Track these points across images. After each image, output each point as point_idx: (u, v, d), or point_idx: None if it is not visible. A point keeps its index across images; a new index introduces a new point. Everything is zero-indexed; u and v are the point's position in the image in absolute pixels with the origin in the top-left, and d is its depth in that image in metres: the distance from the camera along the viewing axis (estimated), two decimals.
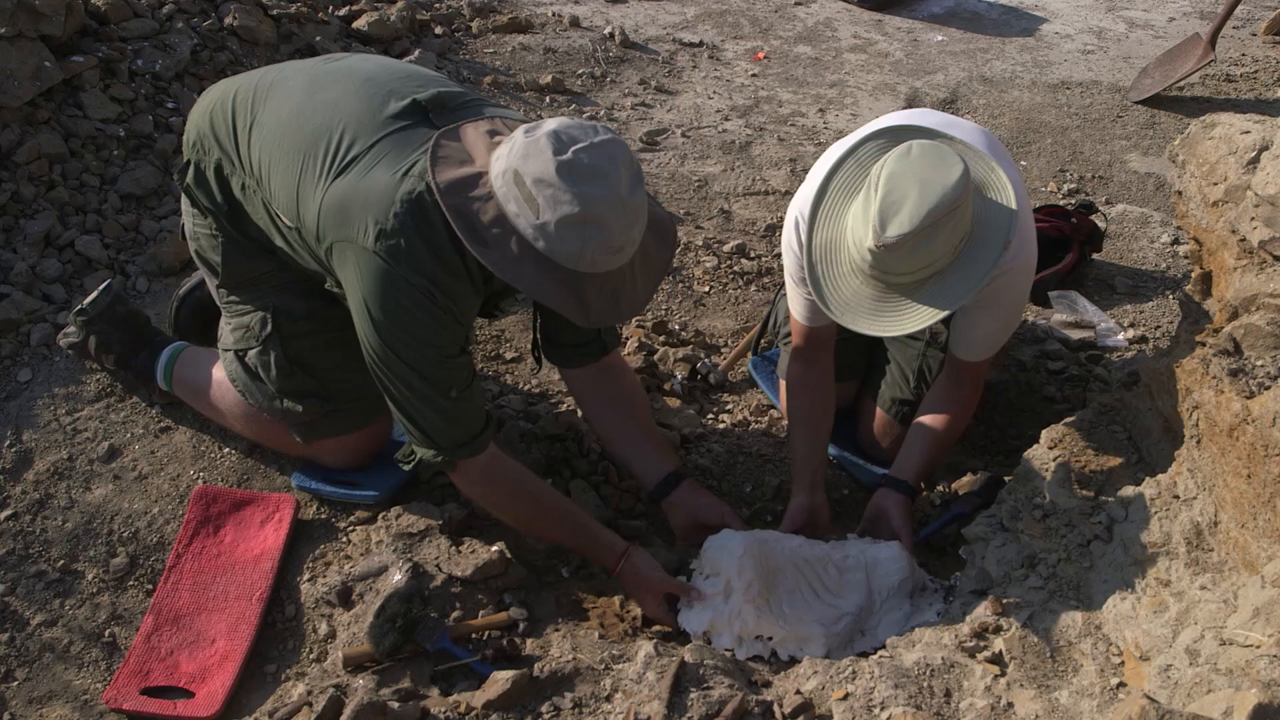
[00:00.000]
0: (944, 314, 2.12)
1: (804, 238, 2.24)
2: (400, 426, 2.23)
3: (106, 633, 2.30)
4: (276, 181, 2.20)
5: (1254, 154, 2.11)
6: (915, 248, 2.05)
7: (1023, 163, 4.47)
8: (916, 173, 2.05)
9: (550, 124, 1.94)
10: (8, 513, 2.47)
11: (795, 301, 2.54)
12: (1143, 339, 3.35)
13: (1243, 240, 2.11)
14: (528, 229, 1.91)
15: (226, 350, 2.50)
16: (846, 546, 2.39)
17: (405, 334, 2.05)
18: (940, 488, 2.79)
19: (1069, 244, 3.57)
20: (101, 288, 2.74)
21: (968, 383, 2.54)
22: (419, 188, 2.01)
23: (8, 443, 2.62)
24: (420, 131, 2.12)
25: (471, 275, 2.08)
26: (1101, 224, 3.72)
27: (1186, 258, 3.57)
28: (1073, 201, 3.99)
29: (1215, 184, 2.19)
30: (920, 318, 2.14)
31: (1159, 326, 3.42)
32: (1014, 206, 2.15)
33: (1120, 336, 3.33)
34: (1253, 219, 2.06)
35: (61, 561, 2.40)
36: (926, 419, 2.57)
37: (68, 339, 2.75)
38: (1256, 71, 5.34)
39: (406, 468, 2.28)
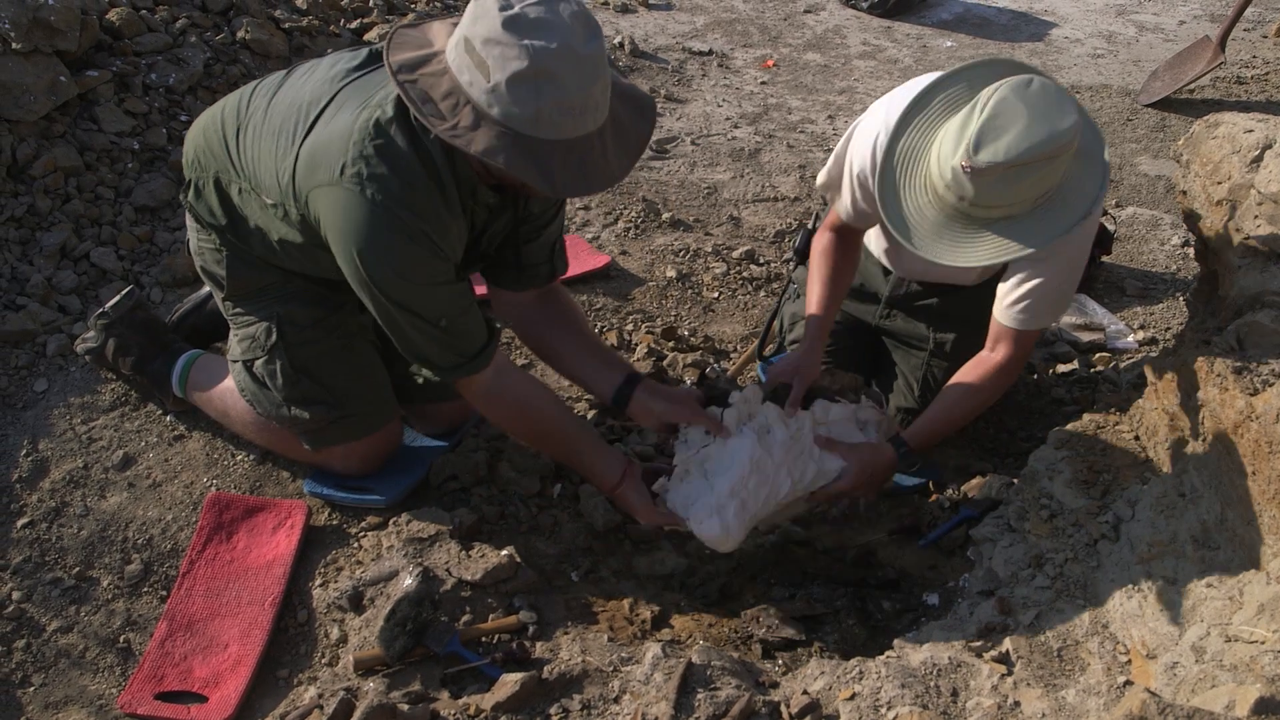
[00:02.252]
0: (1003, 259, 2.04)
1: (888, 138, 2.14)
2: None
3: (121, 638, 2.32)
4: (263, 168, 2.21)
5: (1257, 152, 2.11)
6: (998, 181, 1.95)
7: None
8: (1030, 105, 1.93)
9: None
10: (24, 521, 2.50)
11: (845, 203, 2.51)
12: (1153, 341, 3.34)
13: (1246, 239, 2.11)
14: (481, 96, 1.83)
15: (235, 361, 2.52)
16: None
17: (383, 263, 2.01)
18: (950, 491, 2.79)
19: None
20: (124, 292, 2.78)
21: (1000, 352, 2.41)
22: (376, 114, 1.99)
23: (24, 452, 2.65)
24: (379, 74, 2.10)
25: (445, 190, 2.03)
26: (1110, 226, 3.72)
27: (1196, 259, 3.57)
28: None
29: (1219, 183, 2.19)
30: (982, 253, 2.04)
31: (1169, 328, 3.42)
32: (1104, 181, 2.05)
33: (1130, 339, 3.33)
34: (1256, 217, 2.07)
35: (77, 569, 2.42)
36: (949, 384, 2.49)
37: (86, 344, 2.77)
38: (1268, 74, 5.34)
39: (420, 380, 2.35)
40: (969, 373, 2.46)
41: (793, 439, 2.35)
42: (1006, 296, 2.34)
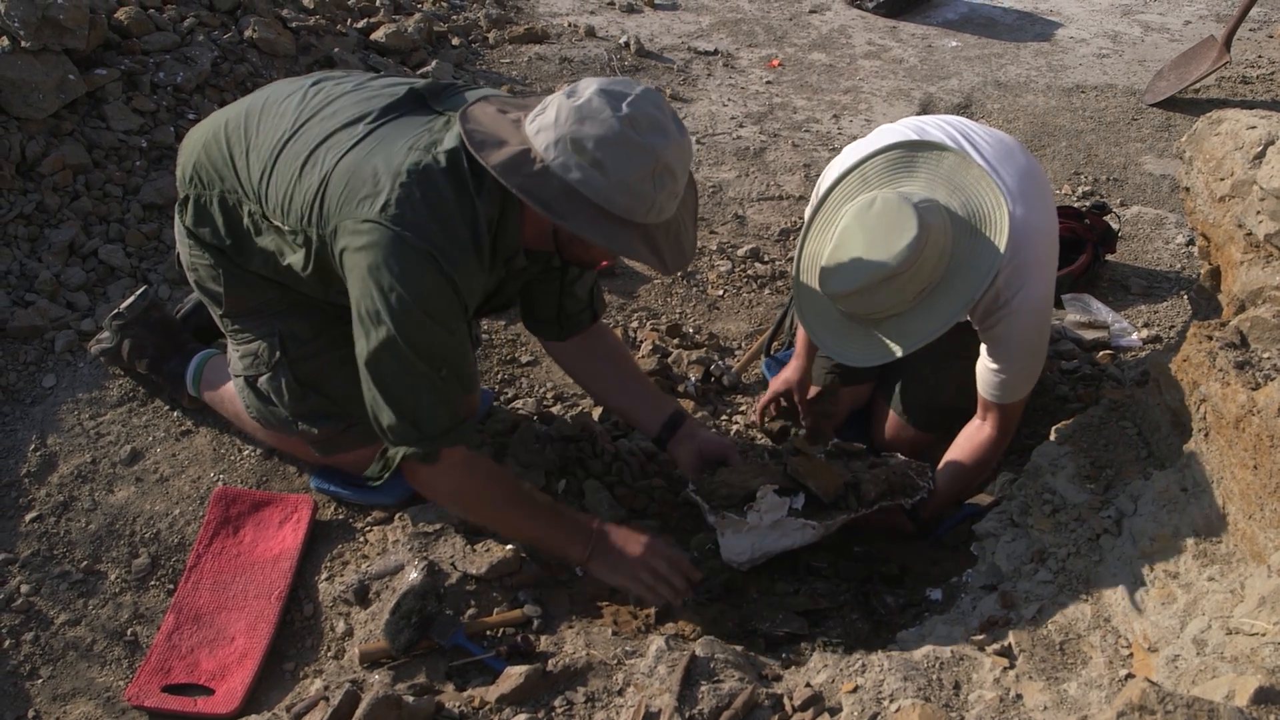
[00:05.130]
0: (898, 355, 2.17)
1: (798, 243, 2.30)
2: (374, 426, 2.13)
3: (129, 631, 2.34)
4: (281, 192, 2.16)
5: (1260, 149, 2.12)
6: (858, 302, 2.11)
7: None
8: (866, 234, 2.08)
9: (588, 85, 1.92)
10: (33, 515, 2.51)
11: None
12: (1156, 339, 3.34)
13: (1249, 234, 2.11)
14: (600, 192, 1.89)
15: (237, 376, 2.49)
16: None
17: (406, 292, 1.96)
18: None
19: (1082, 245, 3.57)
20: (139, 293, 2.78)
21: (989, 425, 2.52)
22: (425, 159, 1.99)
23: (33, 447, 2.67)
24: (420, 116, 2.12)
25: (480, 249, 2.03)
26: (1115, 225, 3.72)
27: (1199, 254, 3.57)
28: (1086, 203, 3.99)
29: (1222, 179, 2.20)
30: (877, 354, 2.19)
31: (1173, 326, 3.42)
32: (1001, 250, 2.10)
33: (1134, 336, 3.33)
34: (1259, 213, 2.07)
35: (85, 562, 2.44)
36: (947, 460, 2.59)
37: (100, 345, 2.78)
38: (1273, 73, 5.33)
39: (377, 484, 2.20)
40: (965, 447, 2.58)
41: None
42: (984, 376, 2.45)
